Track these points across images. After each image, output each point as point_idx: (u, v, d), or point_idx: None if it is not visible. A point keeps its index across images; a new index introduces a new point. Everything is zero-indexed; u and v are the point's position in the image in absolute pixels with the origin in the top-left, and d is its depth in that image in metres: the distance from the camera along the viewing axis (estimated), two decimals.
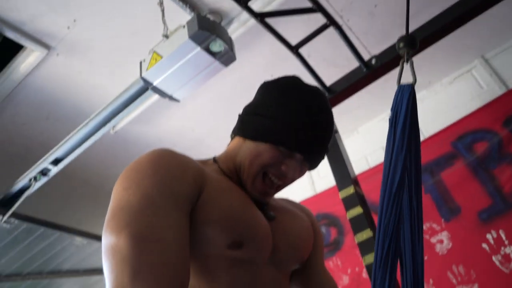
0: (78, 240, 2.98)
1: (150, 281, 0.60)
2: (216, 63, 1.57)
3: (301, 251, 0.95)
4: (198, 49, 1.49)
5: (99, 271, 3.54)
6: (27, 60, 2.07)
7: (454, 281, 2.14)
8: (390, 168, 0.53)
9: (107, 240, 0.65)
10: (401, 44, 0.76)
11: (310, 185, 3.04)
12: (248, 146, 0.88)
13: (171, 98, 1.74)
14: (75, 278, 3.52)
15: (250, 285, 0.80)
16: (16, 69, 2.12)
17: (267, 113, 0.86)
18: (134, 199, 0.68)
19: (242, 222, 0.80)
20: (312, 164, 0.90)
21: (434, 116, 2.61)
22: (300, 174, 0.90)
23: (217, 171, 0.90)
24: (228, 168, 0.91)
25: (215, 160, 0.95)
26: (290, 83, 0.91)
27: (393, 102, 0.67)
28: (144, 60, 1.61)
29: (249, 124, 0.89)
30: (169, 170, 0.74)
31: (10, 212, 2.47)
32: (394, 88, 0.77)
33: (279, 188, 0.90)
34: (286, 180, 0.88)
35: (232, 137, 0.96)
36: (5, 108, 2.33)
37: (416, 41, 0.76)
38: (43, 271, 3.28)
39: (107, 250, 0.65)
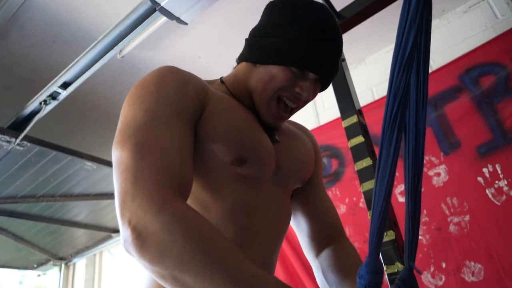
0: (89, 164, 3.08)
1: (150, 184, 0.62)
2: None
3: (303, 171, 0.99)
4: None
5: (108, 195, 3.70)
6: None
7: (447, 212, 2.21)
8: (403, 38, 0.55)
9: (114, 154, 0.68)
10: None
11: (315, 117, 3.07)
12: (259, 71, 0.87)
13: (178, 20, 1.71)
14: (86, 202, 3.68)
15: (254, 199, 0.84)
16: None
17: (276, 34, 0.85)
18: (138, 114, 0.71)
19: (246, 139, 0.82)
20: (324, 83, 0.90)
21: (445, 47, 2.55)
22: (314, 95, 0.90)
23: (224, 91, 0.91)
24: (237, 91, 0.92)
25: (222, 81, 0.95)
26: (296, 0, 0.88)
27: None
28: None
29: (258, 47, 0.88)
30: (172, 86, 0.76)
31: (22, 134, 2.53)
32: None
33: (293, 111, 0.91)
34: (300, 103, 0.89)
35: (238, 63, 0.96)
36: (11, 29, 2.31)
37: None
38: (55, 194, 3.43)
39: (114, 163, 0.68)
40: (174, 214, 0.60)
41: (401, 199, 2.43)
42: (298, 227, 1.07)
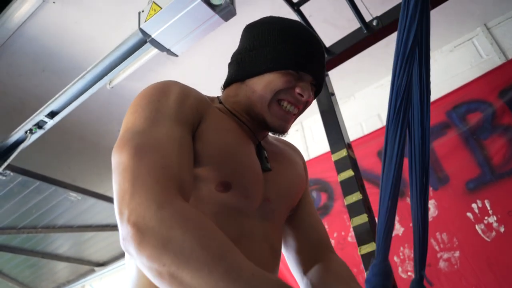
0: (73, 195, 3.03)
1: (149, 182, 0.62)
2: (216, 17, 1.55)
3: (293, 200, 0.96)
4: (198, 0, 1.47)
5: (93, 227, 3.61)
6: (23, 8, 2.02)
7: (436, 247, 2.20)
8: (404, 33, 0.55)
9: (113, 158, 0.69)
10: None
11: (304, 150, 3.07)
12: (252, 83, 0.88)
13: (169, 52, 1.72)
14: (69, 234, 3.58)
15: (236, 234, 0.78)
16: (11, 17, 2.06)
17: (264, 44, 0.88)
18: (138, 121, 0.73)
19: (234, 163, 0.80)
20: (318, 85, 0.93)
21: (432, 84, 2.60)
22: (312, 97, 0.91)
23: (223, 110, 0.89)
24: (234, 108, 0.91)
25: (220, 101, 0.94)
26: (270, 17, 0.94)
27: None
28: (143, 11, 1.59)
29: (248, 61, 0.89)
30: (174, 96, 0.78)
31: (5, 164, 2.48)
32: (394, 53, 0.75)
33: (295, 116, 0.91)
34: (301, 106, 0.90)
35: (224, 89, 0.96)
36: (0, 58, 2.30)
37: None
38: (37, 225, 3.34)
39: (113, 167, 0.68)
40: (173, 211, 0.60)
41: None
42: (285, 242, 1.02)
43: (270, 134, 1.01)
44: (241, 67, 0.90)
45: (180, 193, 0.65)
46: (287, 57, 0.85)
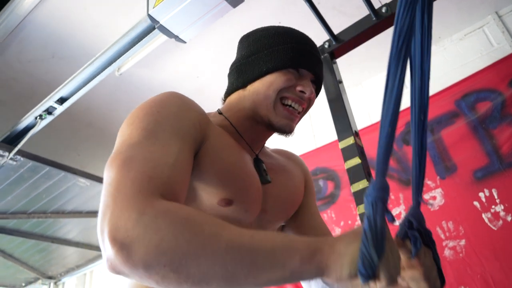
0: (82, 181, 3.05)
1: (131, 192, 0.57)
2: (224, 3, 1.55)
3: (288, 211, 0.99)
4: None
5: None
6: None
7: (442, 236, 2.20)
8: None
9: (105, 171, 0.64)
10: None
11: (312, 139, 3.07)
12: (254, 87, 0.89)
13: (177, 38, 1.73)
14: (78, 219, 3.62)
15: None
16: (20, 3, 2.08)
17: (261, 48, 0.90)
18: (135, 133, 0.68)
19: (237, 181, 0.81)
20: (318, 82, 0.95)
21: (441, 73, 2.58)
22: (314, 94, 0.93)
23: (221, 124, 0.90)
24: (236, 118, 0.92)
25: (219, 112, 0.95)
26: (263, 26, 0.97)
27: None
28: None
29: (248, 67, 0.91)
30: (174, 109, 0.74)
31: (16, 149, 2.51)
32: None
33: (300, 115, 0.93)
34: (304, 104, 0.91)
35: (225, 99, 0.97)
36: (10, 45, 2.32)
37: None
38: (47, 210, 3.38)
39: (104, 181, 0.63)
40: (156, 213, 0.55)
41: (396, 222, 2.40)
42: None
43: (267, 146, 1.03)
44: (242, 74, 0.92)
45: (165, 199, 0.60)
46: (286, 56, 0.88)
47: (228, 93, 0.96)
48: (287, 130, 0.90)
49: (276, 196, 0.92)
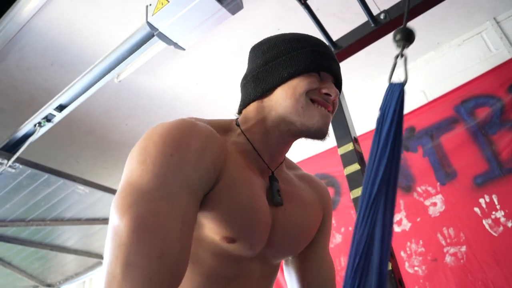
0: (81, 188, 3.05)
1: (141, 278, 0.58)
2: (223, 11, 1.55)
3: (296, 248, 0.93)
4: None
5: (100, 220, 3.63)
6: (31, 2, 2.03)
7: (443, 242, 2.20)
8: (371, 173, 0.55)
9: (112, 218, 0.63)
10: (398, 37, 0.69)
11: (311, 144, 3.06)
12: (278, 94, 0.84)
13: (176, 45, 1.73)
14: (77, 226, 3.61)
15: (233, 274, 0.80)
16: (20, 11, 2.08)
17: (279, 54, 0.86)
18: (145, 177, 0.65)
19: (244, 220, 0.77)
20: (339, 85, 0.91)
21: (440, 78, 2.59)
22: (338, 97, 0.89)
23: (237, 142, 0.86)
24: (255, 132, 0.87)
25: (237, 124, 0.89)
26: (274, 35, 0.93)
27: (382, 101, 0.65)
28: (150, 4, 1.60)
29: (265, 75, 0.86)
30: (189, 154, 0.69)
31: (14, 156, 2.51)
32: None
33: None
34: (330, 107, 0.86)
35: (240, 112, 0.92)
36: (10, 52, 2.32)
37: (413, 36, 0.72)
38: (46, 218, 3.37)
39: (110, 229, 0.63)
40: None
41: (397, 228, 2.40)
42: (289, 273, 1.00)
43: (286, 168, 0.97)
44: (260, 82, 0.86)
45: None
46: (307, 60, 0.84)
47: (244, 105, 0.90)
48: (324, 131, 0.85)
49: (286, 229, 0.86)
